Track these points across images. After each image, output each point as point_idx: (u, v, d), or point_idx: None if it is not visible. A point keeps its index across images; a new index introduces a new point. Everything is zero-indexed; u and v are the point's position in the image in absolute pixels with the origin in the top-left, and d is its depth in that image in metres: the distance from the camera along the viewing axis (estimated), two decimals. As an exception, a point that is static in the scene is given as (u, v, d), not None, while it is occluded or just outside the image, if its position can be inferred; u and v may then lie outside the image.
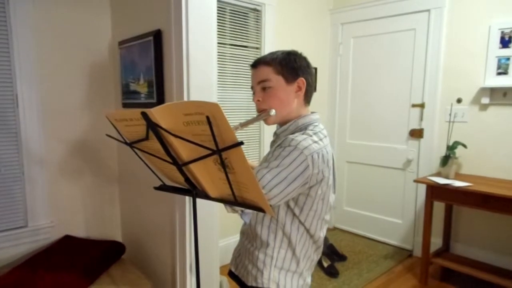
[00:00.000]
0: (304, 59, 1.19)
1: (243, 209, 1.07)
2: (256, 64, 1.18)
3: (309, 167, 1.03)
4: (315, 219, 1.15)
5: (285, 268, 1.17)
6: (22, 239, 2.10)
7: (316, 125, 1.16)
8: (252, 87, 1.21)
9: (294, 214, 1.13)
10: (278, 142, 1.16)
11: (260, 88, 1.16)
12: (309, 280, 1.26)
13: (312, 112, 1.22)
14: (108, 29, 2.34)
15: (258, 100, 1.17)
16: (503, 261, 2.71)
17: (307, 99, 1.21)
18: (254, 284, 1.18)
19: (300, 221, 1.14)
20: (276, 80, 1.14)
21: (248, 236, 1.24)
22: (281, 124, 1.20)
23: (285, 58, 1.15)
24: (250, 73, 1.24)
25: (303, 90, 1.17)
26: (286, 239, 1.15)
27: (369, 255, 3.20)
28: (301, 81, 1.16)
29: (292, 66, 1.15)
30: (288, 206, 1.12)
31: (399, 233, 3.37)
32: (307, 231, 1.16)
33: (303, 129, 1.15)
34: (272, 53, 1.18)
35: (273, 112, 1.13)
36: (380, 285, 2.70)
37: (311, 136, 1.09)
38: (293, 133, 1.15)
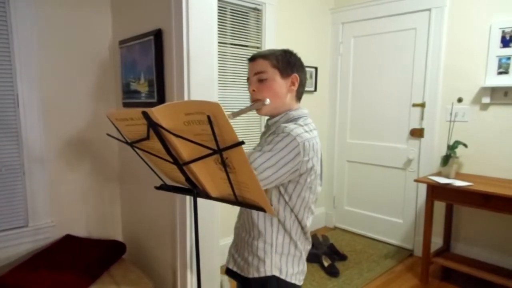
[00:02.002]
0: (299, 59, 1.25)
1: None
2: (253, 58, 1.23)
3: (300, 153, 1.08)
4: (303, 207, 1.19)
5: (285, 252, 1.20)
6: (22, 239, 2.10)
7: (306, 118, 1.22)
8: (248, 79, 1.26)
9: (285, 201, 1.17)
10: (269, 131, 1.21)
11: (256, 79, 1.21)
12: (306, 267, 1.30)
13: (301, 108, 1.28)
14: (108, 28, 2.33)
15: (254, 90, 1.22)
16: (504, 261, 2.71)
17: (299, 95, 1.27)
18: (256, 275, 1.19)
19: (290, 208, 1.18)
20: (272, 72, 1.19)
21: (245, 227, 1.26)
22: (273, 115, 1.25)
23: (281, 54, 1.22)
24: (251, 72, 1.26)
25: (296, 85, 1.23)
26: (281, 226, 1.19)
27: (370, 255, 3.20)
28: (295, 77, 1.22)
29: (287, 61, 1.21)
30: (279, 192, 1.16)
31: (400, 232, 3.37)
32: (297, 217, 1.20)
33: (293, 120, 1.20)
34: (268, 50, 1.24)
35: (267, 101, 1.18)
36: (381, 285, 2.70)
37: (302, 126, 1.14)
38: (285, 123, 1.19)
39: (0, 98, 1.99)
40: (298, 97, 1.27)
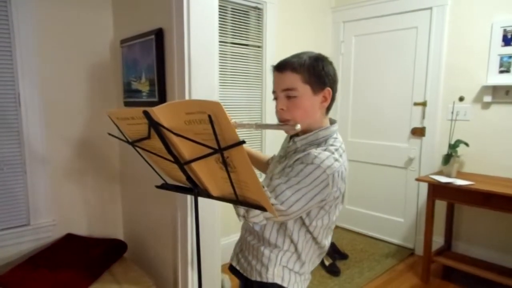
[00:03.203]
0: (331, 65, 1.13)
1: (255, 221, 1.07)
2: (282, 68, 1.10)
3: (329, 185, 1.02)
4: (323, 229, 1.16)
5: (290, 267, 1.18)
6: (24, 237, 2.11)
7: (336, 138, 1.13)
8: (273, 92, 1.15)
9: (303, 223, 1.13)
10: (294, 150, 1.15)
11: (284, 95, 1.10)
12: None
13: (332, 123, 1.18)
14: (110, 27, 2.33)
15: (282, 109, 1.11)
16: (505, 260, 2.71)
17: (329, 108, 1.16)
18: (258, 279, 1.18)
19: (308, 230, 1.15)
20: (303, 89, 1.08)
21: (252, 234, 1.24)
22: (301, 133, 1.16)
23: (313, 64, 1.09)
24: (251, 72, 1.24)
25: (329, 101, 1.13)
26: (293, 246, 1.16)
27: (371, 254, 3.20)
28: (328, 91, 1.11)
29: (320, 74, 1.09)
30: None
31: (401, 231, 3.36)
32: (314, 238, 1.17)
33: (322, 142, 1.12)
34: (298, 57, 1.10)
35: (298, 127, 1.06)
36: (382, 284, 2.70)
37: (333, 153, 1.06)
38: (312, 143, 1.13)
39: (1, 97, 1.99)
40: (328, 110, 1.16)
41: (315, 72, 1.08)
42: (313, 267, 1.26)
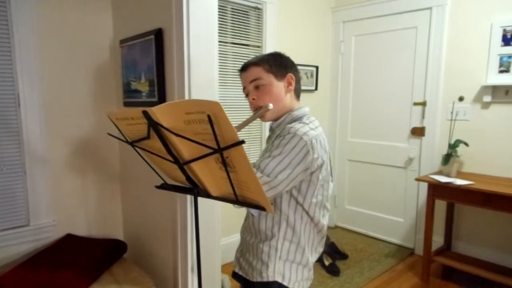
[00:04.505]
0: (289, 58, 1.26)
1: None
2: (245, 67, 1.23)
3: (309, 152, 1.07)
4: (317, 206, 1.18)
5: (290, 259, 1.18)
6: (24, 238, 2.11)
7: (309, 117, 1.22)
8: (243, 89, 1.26)
9: (297, 203, 1.15)
10: (276, 134, 1.20)
11: (253, 87, 1.21)
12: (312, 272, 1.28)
13: (302, 107, 1.27)
14: (109, 27, 2.33)
15: (253, 99, 1.21)
16: (505, 260, 2.71)
17: (297, 93, 1.27)
18: (259, 279, 1.18)
19: (303, 209, 1.16)
20: (267, 77, 1.20)
21: (250, 231, 1.25)
22: (276, 119, 1.24)
23: (271, 58, 1.23)
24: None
25: (293, 84, 1.24)
26: (290, 230, 1.17)
27: (371, 254, 3.20)
28: (290, 76, 1.23)
29: (279, 63, 1.22)
30: (291, 195, 1.14)
31: (401, 231, 3.37)
32: (311, 219, 1.18)
33: (297, 120, 1.19)
34: (257, 57, 1.24)
35: (271, 106, 1.16)
36: (382, 284, 2.70)
37: (307, 124, 1.14)
38: (289, 124, 1.19)
39: (1, 98, 1.99)
40: (297, 95, 1.27)
41: (274, 62, 1.21)
42: (316, 255, 1.26)
